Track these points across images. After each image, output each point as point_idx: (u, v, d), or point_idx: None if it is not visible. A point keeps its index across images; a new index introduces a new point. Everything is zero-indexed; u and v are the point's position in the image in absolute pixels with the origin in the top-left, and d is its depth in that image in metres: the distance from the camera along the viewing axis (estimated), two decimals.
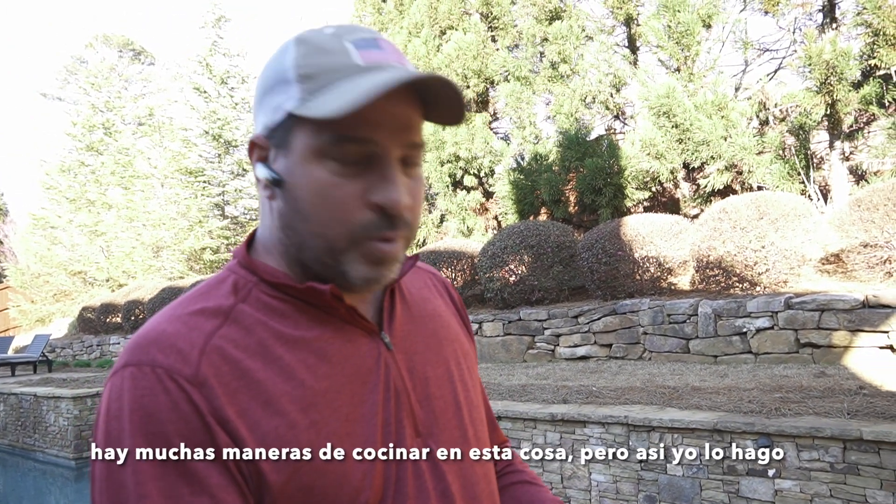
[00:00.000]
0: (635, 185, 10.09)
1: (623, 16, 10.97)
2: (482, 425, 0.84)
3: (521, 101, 11.62)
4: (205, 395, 0.63)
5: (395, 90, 0.66)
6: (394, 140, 0.69)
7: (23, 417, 10.65)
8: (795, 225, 6.54)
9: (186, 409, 0.62)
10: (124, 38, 25.62)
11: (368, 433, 0.70)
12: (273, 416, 0.65)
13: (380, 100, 0.65)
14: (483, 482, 0.79)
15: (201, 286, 0.75)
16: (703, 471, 4.31)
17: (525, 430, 5.22)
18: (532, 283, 8.37)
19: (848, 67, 7.94)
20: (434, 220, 12.95)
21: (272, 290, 0.73)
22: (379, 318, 0.79)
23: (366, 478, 0.67)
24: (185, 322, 0.68)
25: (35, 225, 23.32)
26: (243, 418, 0.64)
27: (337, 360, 0.71)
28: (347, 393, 0.70)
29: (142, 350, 0.65)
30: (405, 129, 0.69)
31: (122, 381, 0.63)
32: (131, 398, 0.62)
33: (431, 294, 0.91)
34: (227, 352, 0.66)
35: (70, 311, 20.83)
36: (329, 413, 0.68)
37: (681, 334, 6.72)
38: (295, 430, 0.65)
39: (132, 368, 0.64)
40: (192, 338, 0.66)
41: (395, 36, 13.18)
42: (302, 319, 0.72)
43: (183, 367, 0.63)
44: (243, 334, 0.68)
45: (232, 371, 0.65)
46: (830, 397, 4.55)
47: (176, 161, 20.20)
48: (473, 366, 0.90)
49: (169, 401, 0.62)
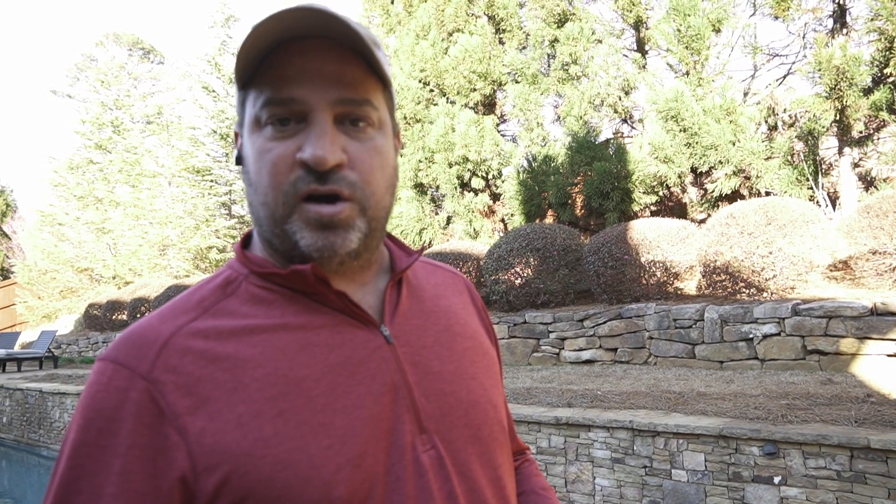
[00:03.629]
0: (643, 190, 10.06)
1: (633, 19, 10.95)
2: (499, 427, 0.80)
3: (529, 103, 11.60)
4: (158, 391, 0.64)
5: (317, 45, 0.67)
6: (322, 96, 0.67)
7: (28, 413, 10.69)
8: (803, 231, 6.50)
9: (131, 409, 0.63)
10: (134, 37, 25.74)
11: (349, 426, 0.66)
12: (238, 403, 0.64)
13: (295, 55, 0.66)
14: (493, 486, 0.75)
15: (197, 283, 0.76)
16: (708, 477, 4.28)
17: (529, 434, 5.20)
18: (538, 286, 8.35)
19: (858, 73, 7.90)
20: (441, 222, 12.94)
21: (261, 281, 0.73)
22: (381, 310, 0.77)
23: (340, 471, 0.64)
24: (164, 316, 0.69)
25: (43, 221, 23.41)
26: (202, 408, 0.63)
27: (321, 349, 0.69)
28: (327, 383, 0.67)
29: (115, 346, 0.68)
30: (334, 83, 0.68)
31: (91, 375, 0.67)
32: (88, 392, 0.65)
33: (449, 292, 0.89)
34: (194, 341, 0.67)
35: (76, 308, 20.91)
36: (303, 402, 0.65)
37: (687, 339, 6.69)
38: (259, 418, 0.64)
39: (100, 363, 0.67)
40: (160, 331, 0.67)
41: (403, 38, 13.18)
42: (290, 308, 0.71)
43: (138, 365, 0.65)
44: (222, 324, 0.69)
45: (196, 360, 0.65)
46: (837, 405, 4.52)
47: (183, 160, 20.25)
48: (493, 365, 0.87)
49: (117, 398, 0.64)
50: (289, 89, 0.67)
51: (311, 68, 0.67)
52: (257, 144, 0.69)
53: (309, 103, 0.67)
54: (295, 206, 0.68)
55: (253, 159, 0.70)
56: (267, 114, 0.68)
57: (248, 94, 0.71)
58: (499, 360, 0.92)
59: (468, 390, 0.77)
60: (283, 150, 0.68)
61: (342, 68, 0.68)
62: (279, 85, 0.67)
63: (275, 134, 0.68)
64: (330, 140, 0.67)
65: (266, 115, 0.68)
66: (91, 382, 0.66)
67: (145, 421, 0.63)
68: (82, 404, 0.66)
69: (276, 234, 0.70)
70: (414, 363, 0.74)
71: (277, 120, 0.68)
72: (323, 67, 0.68)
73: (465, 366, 0.79)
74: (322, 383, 0.67)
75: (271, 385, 0.65)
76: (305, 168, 0.67)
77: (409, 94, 12.70)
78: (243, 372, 0.65)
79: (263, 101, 0.68)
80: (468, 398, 0.76)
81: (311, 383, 0.67)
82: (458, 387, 0.76)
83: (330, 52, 0.68)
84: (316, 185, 0.67)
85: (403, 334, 0.76)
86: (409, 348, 0.75)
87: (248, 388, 0.65)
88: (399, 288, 0.80)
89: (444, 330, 0.80)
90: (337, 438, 0.65)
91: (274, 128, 0.68)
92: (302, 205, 0.68)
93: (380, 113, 0.73)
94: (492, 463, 0.76)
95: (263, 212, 0.70)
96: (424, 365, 0.75)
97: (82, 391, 0.67)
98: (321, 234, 0.68)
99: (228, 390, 0.64)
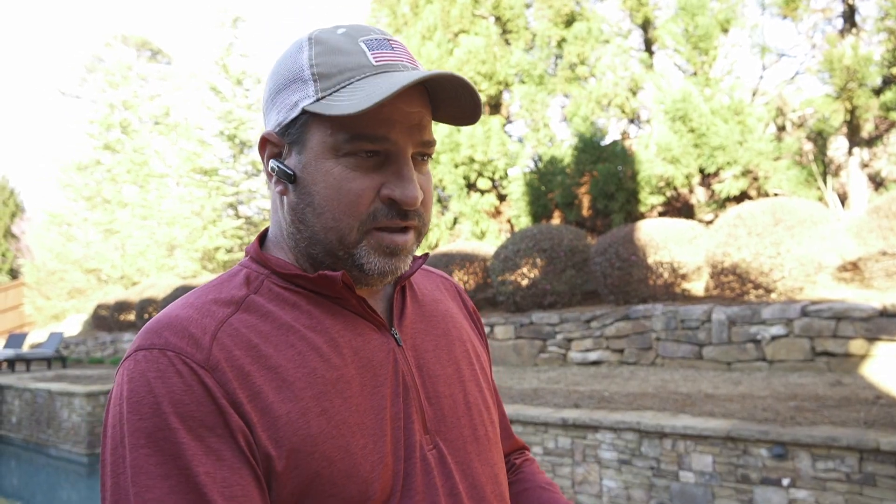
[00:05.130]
0: (649, 190, 10.03)
1: (640, 19, 10.93)
2: (493, 427, 0.84)
3: (536, 103, 11.59)
4: (217, 379, 0.63)
5: (408, 90, 0.69)
6: (407, 138, 0.71)
7: (37, 413, 10.75)
8: (812, 232, 6.46)
9: (199, 392, 0.62)
10: (142, 38, 25.84)
11: (378, 425, 0.70)
12: (286, 401, 0.65)
13: (394, 100, 0.68)
14: (491, 483, 0.79)
15: (214, 279, 0.77)
16: (716, 478, 4.27)
17: (536, 435, 5.19)
18: (544, 287, 8.33)
19: (869, 73, 7.85)
20: (447, 223, 12.94)
21: (284, 282, 0.74)
22: (389, 314, 0.80)
23: (374, 469, 0.67)
24: (198, 309, 0.69)
25: (51, 222, 23.53)
26: (255, 401, 0.64)
27: (348, 351, 0.72)
28: (358, 384, 0.70)
29: (155, 334, 0.66)
30: (418, 127, 0.72)
31: (136, 364, 0.64)
32: (142, 380, 0.63)
33: (443, 296, 0.92)
34: (241, 336, 0.67)
35: (84, 309, 21.01)
36: (340, 402, 0.68)
37: (694, 340, 6.66)
38: (307, 416, 0.65)
39: (144, 352, 0.65)
40: (205, 323, 0.67)
41: (410, 39, 13.19)
42: (314, 310, 0.73)
43: (195, 352, 0.64)
44: (257, 321, 0.70)
45: (245, 355, 0.66)
46: (847, 407, 4.49)
47: (191, 160, 20.32)
48: (486, 368, 0.91)
49: (182, 383, 0.62)
50: (384, 129, 0.70)
51: (402, 111, 0.70)
52: (335, 172, 0.70)
53: (399, 144, 0.71)
54: (367, 233, 0.71)
55: (325, 184, 0.71)
56: (356, 147, 0.70)
57: (319, 117, 0.71)
58: (489, 360, 0.96)
59: (465, 393, 0.81)
60: (368, 182, 0.71)
61: (423, 112, 0.73)
62: (372, 123, 0.69)
63: (357, 166, 0.70)
64: (416, 182, 0.72)
65: (354, 149, 0.70)
66: (141, 371, 0.63)
67: (215, 406, 0.62)
68: (136, 393, 0.62)
69: (341, 256, 0.73)
70: (419, 366, 0.78)
71: (364, 152, 0.70)
72: (411, 110, 0.71)
73: (463, 369, 0.83)
74: (353, 384, 0.70)
75: (312, 385, 0.67)
76: (388, 203, 0.71)
77: None
78: (286, 371, 0.67)
79: (355, 136, 0.69)
80: (465, 400, 0.80)
81: (344, 384, 0.69)
82: (455, 389, 0.80)
83: (415, 94, 0.72)
84: (398, 219, 0.72)
85: (409, 338, 0.79)
86: (414, 351, 0.78)
87: (293, 386, 0.66)
88: (404, 293, 0.83)
89: (442, 334, 0.84)
90: (370, 438, 0.68)
91: (359, 159, 0.70)
92: (374, 233, 0.72)
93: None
94: (489, 461, 0.80)
95: (328, 235, 0.72)
96: (427, 368, 0.78)
97: (124, 381, 0.63)
98: (389, 259, 0.73)
99: (275, 388, 0.66)
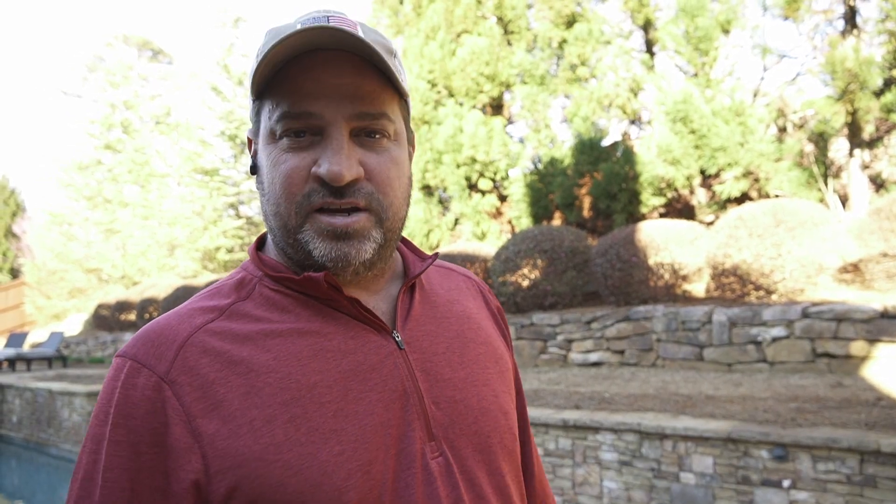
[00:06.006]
0: (650, 192, 10.03)
1: (641, 20, 10.93)
2: (509, 435, 0.79)
3: (537, 104, 11.59)
4: (174, 392, 0.65)
5: (335, 60, 0.67)
6: (338, 111, 0.68)
7: (38, 412, 10.75)
8: (813, 233, 6.46)
9: (148, 405, 0.65)
10: (143, 38, 25.84)
11: (360, 432, 0.66)
12: (252, 407, 0.65)
13: (316, 71, 0.67)
14: (499, 495, 0.74)
15: (214, 284, 0.77)
16: (717, 480, 4.26)
17: (537, 436, 5.19)
18: (545, 288, 8.33)
19: (871, 75, 7.85)
20: (448, 224, 12.94)
21: (275, 285, 0.74)
22: (393, 316, 0.77)
23: (350, 478, 0.64)
24: (181, 316, 0.70)
25: (52, 221, 23.53)
26: (216, 410, 0.64)
27: (334, 355, 0.69)
28: (340, 389, 0.68)
29: (132, 342, 0.69)
30: (350, 97, 0.68)
31: (110, 371, 0.69)
32: (107, 388, 0.67)
33: (463, 296, 0.88)
34: (211, 344, 0.68)
35: (85, 308, 21.02)
36: (314, 408, 0.66)
37: (695, 342, 6.66)
38: (271, 423, 0.64)
39: (119, 359, 0.68)
40: (178, 332, 0.68)
41: (412, 39, 13.18)
42: (304, 313, 0.72)
43: (156, 363, 0.66)
44: (237, 327, 0.70)
45: (213, 363, 0.66)
46: (847, 408, 4.49)
47: (192, 160, 20.32)
48: (506, 371, 0.85)
49: (136, 395, 0.65)
50: (305, 103, 0.67)
51: (327, 81, 0.67)
52: (272, 156, 0.70)
53: (325, 118, 0.68)
54: (307, 216, 0.69)
55: (267, 170, 0.71)
56: (283, 127, 0.68)
57: (263, 104, 0.72)
58: (514, 364, 0.90)
59: (479, 398, 0.76)
60: (298, 162, 0.69)
61: (358, 81, 0.68)
62: (295, 98, 0.67)
63: (290, 146, 0.69)
64: (346, 155, 0.67)
65: (282, 129, 0.69)
66: (109, 378, 0.68)
67: (161, 420, 0.64)
68: (101, 399, 0.67)
69: (290, 243, 0.71)
70: (425, 370, 0.74)
71: (293, 132, 0.69)
72: (339, 80, 0.68)
73: (477, 372, 0.78)
74: (334, 389, 0.67)
75: (284, 390, 0.66)
76: (320, 182, 0.68)
77: (418, 96, 12.72)
78: (257, 377, 0.66)
79: (280, 115, 0.68)
80: (479, 406, 0.76)
81: (323, 389, 0.67)
82: (468, 394, 0.76)
83: (346, 65, 0.68)
84: (331, 198, 0.68)
85: (415, 340, 0.75)
86: (420, 354, 0.75)
87: (261, 392, 0.65)
88: (412, 293, 0.80)
89: (456, 336, 0.80)
90: (348, 445, 0.65)
91: (289, 140, 0.69)
92: (314, 215, 0.69)
93: (395, 125, 0.73)
94: (499, 471, 0.75)
95: (276, 221, 0.71)
96: (435, 372, 0.75)
97: (102, 385, 0.69)
98: (335, 244, 0.69)
99: (242, 394, 0.65)
